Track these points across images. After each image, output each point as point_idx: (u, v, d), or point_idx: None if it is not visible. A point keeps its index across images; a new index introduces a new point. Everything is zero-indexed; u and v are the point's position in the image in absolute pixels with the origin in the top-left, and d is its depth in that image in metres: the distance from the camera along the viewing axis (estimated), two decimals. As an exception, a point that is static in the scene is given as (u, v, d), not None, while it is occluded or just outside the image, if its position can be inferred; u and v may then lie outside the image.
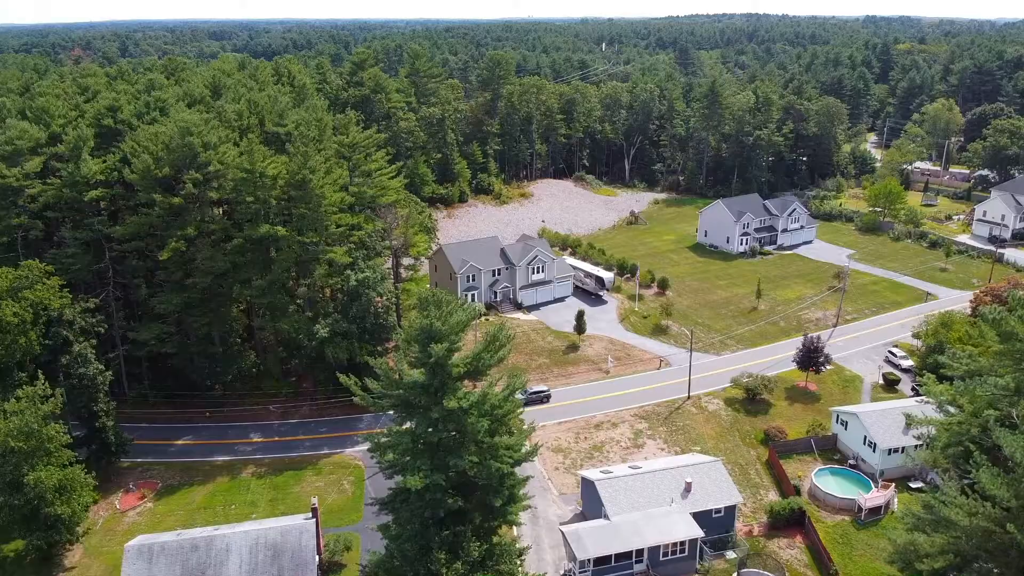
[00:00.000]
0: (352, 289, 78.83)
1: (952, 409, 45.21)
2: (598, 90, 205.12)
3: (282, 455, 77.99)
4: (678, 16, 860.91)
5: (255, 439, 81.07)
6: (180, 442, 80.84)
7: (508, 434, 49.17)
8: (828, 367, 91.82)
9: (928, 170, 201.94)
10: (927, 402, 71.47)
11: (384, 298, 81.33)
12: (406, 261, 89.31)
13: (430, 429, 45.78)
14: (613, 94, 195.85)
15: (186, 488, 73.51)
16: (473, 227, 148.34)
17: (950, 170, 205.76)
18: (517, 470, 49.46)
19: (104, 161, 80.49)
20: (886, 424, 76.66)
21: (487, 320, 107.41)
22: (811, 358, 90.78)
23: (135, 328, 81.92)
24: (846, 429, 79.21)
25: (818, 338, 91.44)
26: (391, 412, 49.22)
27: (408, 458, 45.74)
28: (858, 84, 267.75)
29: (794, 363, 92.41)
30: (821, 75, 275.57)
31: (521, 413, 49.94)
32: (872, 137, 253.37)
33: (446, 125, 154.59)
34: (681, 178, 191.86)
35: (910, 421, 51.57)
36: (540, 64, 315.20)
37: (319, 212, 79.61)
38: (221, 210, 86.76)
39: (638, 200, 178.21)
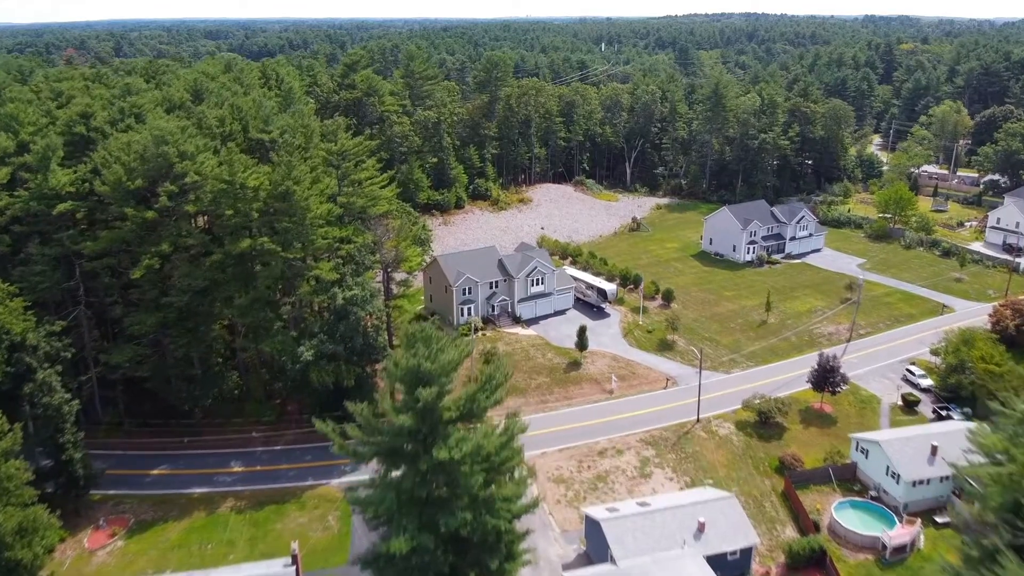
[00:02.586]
0: (339, 308, 73.75)
1: (1003, 458, 40.27)
2: (598, 92, 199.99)
3: (263, 487, 72.82)
4: (676, 16, 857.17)
5: (235, 468, 75.89)
6: (156, 472, 75.66)
7: (506, 482, 44.06)
8: (844, 387, 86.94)
9: (936, 173, 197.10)
10: (952, 421, 66.72)
11: (374, 317, 76.20)
12: (398, 276, 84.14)
13: (418, 481, 40.70)
14: (614, 96, 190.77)
15: (160, 524, 68.37)
16: (470, 235, 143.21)
17: (958, 174, 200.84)
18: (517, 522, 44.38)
19: (75, 171, 75.29)
20: (910, 453, 71.80)
21: (484, 335, 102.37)
22: (826, 378, 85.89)
23: (108, 349, 76.71)
24: (867, 458, 74.28)
25: (834, 357, 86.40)
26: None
27: (392, 515, 40.65)
28: (862, 85, 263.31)
29: (808, 383, 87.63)
30: (824, 76, 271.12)
31: (521, 459, 44.75)
32: (876, 139, 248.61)
33: (442, 129, 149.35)
34: (684, 182, 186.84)
35: (957, 473, 46.54)
36: (539, 64, 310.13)
37: (304, 226, 74.52)
38: (202, 220, 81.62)
39: (640, 205, 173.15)
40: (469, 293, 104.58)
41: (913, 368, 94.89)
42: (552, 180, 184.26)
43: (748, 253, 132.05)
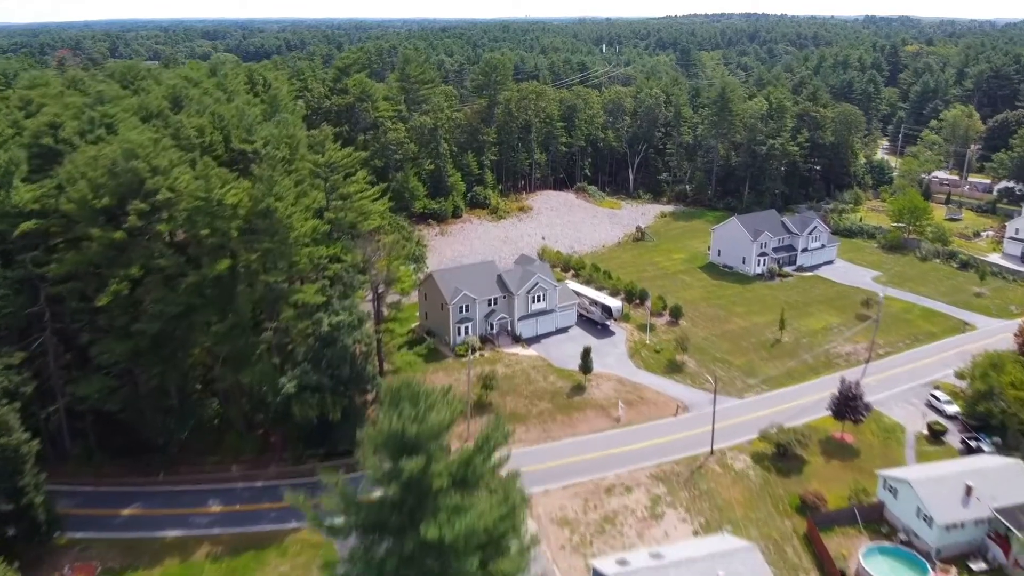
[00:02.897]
0: (325, 335, 68.12)
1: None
2: (600, 95, 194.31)
3: (242, 529, 67.09)
4: (676, 16, 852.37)
5: (213, 508, 70.11)
6: (127, 512, 69.87)
7: (504, 554, 38.39)
8: (867, 415, 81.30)
9: (947, 179, 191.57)
10: (983, 454, 61.16)
11: (363, 343, 70.52)
12: (390, 298, 78.53)
13: (404, 560, 35.05)
14: (616, 99, 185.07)
15: (130, 573, 62.69)
16: (467, 245, 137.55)
17: (969, 180, 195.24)
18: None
19: (40, 187, 69.54)
20: (943, 494, 66.18)
21: (482, 356, 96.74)
22: (848, 407, 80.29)
23: (77, 379, 70.97)
24: (895, 497, 68.66)
25: (856, 384, 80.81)
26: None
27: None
28: (868, 88, 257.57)
29: (828, 411, 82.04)
30: (830, 78, 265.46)
31: (523, 528, 39.08)
32: (884, 143, 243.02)
33: (439, 135, 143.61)
34: (688, 187, 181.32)
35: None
36: (538, 66, 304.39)
37: (287, 245, 68.86)
38: (177, 237, 75.74)
39: (643, 213, 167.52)
40: (466, 311, 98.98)
41: (938, 394, 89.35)
42: (553, 187, 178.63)
43: (758, 265, 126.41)
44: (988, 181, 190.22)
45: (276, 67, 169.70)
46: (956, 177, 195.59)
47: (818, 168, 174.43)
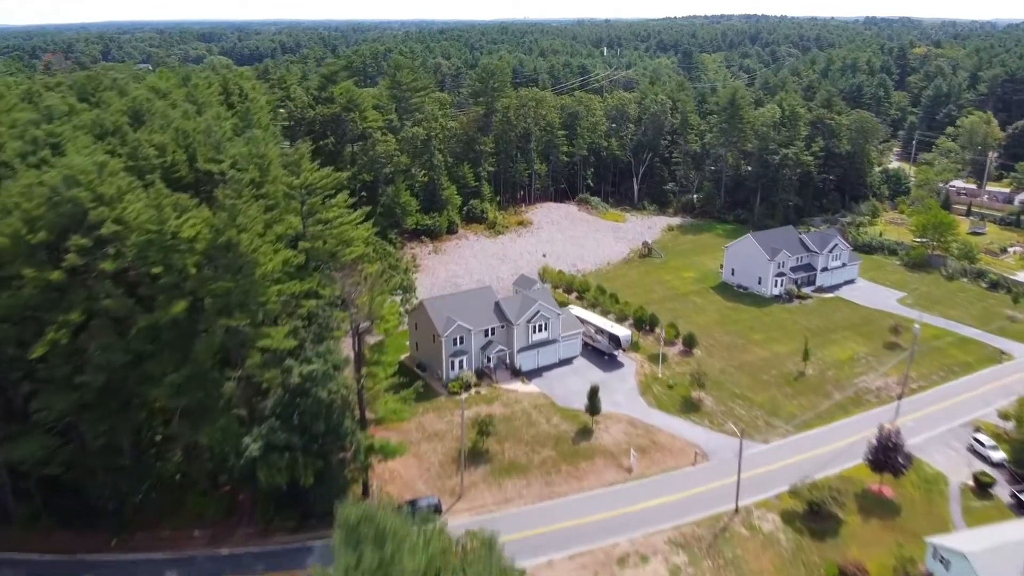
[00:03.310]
0: (295, 387, 59.33)
1: None
2: (603, 101, 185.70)
3: (202, 612, 58.51)
4: (675, 17, 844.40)
5: (170, 584, 61.48)
6: (71, 589, 61.23)
7: None
8: (908, 467, 72.62)
9: (964, 188, 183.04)
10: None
11: (340, 394, 61.73)
12: (374, 338, 69.62)
13: None
14: (620, 105, 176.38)
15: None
16: (463, 264, 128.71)
17: (987, 189, 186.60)
18: None
19: (-28, 218, 60.71)
20: (1003, 569, 57.54)
21: (478, 393, 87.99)
22: (888, 458, 71.70)
23: (15, 436, 62.05)
24: (947, 570, 59.98)
25: (896, 433, 72.20)
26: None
27: None
28: (878, 92, 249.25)
29: (865, 461, 73.41)
30: (839, 82, 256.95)
31: None
32: (896, 149, 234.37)
33: (432, 145, 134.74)
34: (696, 197, 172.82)
35: None
36: (538, 69, 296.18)
37: (252, 283, 60.09)
38: (127, 275, 66.97)
39: (650, 226, 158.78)
40: (461, 343, 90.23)
41: (981, 437, 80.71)
42: (554, 198, 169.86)
43: (776, 286, 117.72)
44: (1007, 190, 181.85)
45: (258, 75, 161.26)
46: (973, 186, 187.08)
47: (832, 178, 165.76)
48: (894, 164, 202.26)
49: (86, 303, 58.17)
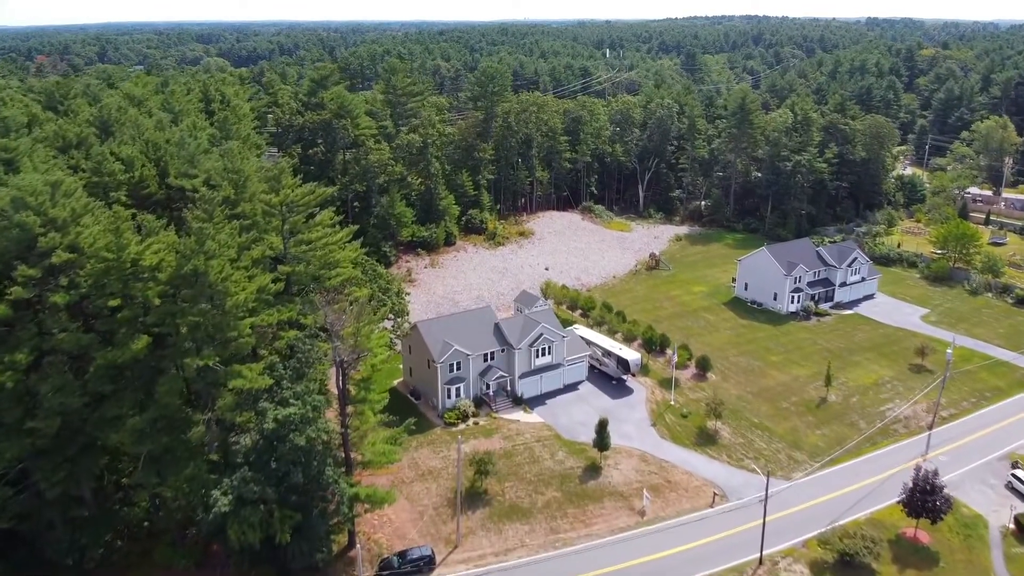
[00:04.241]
0: (271, 433, 52.96)
1: None
2: (607, 105, 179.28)
3: None
4: (676, 18, 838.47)
5: (132, 651, 55.20)
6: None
7: None
8: (948, 511, 66.24)
9: (980, 195, 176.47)
10: None
11: (321, 439, 55.34)
12: (359, 372, 63.18)
13: None
14: (624, 110, 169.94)
15: None
16: (461, 279, 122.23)
17: (1003, 196, 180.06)
18: None
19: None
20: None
21: (476, 425, 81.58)
22: (925, 501, 65.30)
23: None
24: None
25: (934, 474, 65.76)
26: None
27: None
28: (887, 95, 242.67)
29: (899, 504, 67.05)
30: (848, 85, 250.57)
31: None
32: (908, 154, 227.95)
33: (429, 153, 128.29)
34: (704, 203, 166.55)
35: None
36: (538, 71, 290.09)
37: (222, 316, 53.75)
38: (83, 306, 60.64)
39: (656, 236, 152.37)
40: (458, 369, 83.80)
41: (1020, 473, 74.33)
42: (556, 206, 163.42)
43: (792, 303, 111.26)
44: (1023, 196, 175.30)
45: (253, 76, 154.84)
46: (989, 193, 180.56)
47: (845, 186, 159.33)
48: (910, 171, 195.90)
49: (36, 340, 51.90)
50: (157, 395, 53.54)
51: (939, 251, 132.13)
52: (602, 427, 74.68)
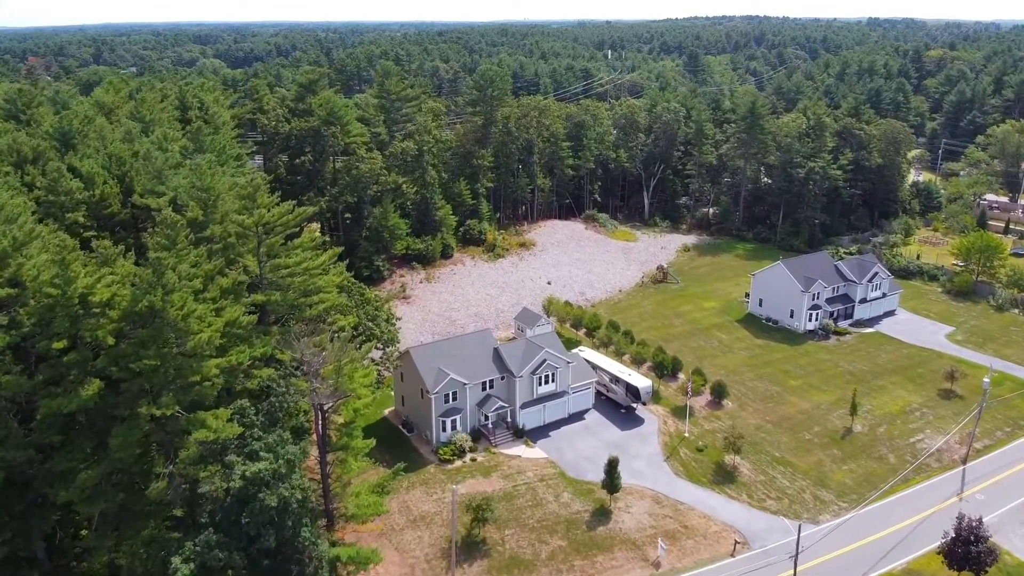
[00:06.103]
0: (238, 491, 46.53)
1: None
2: (610, 109, 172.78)
3: None
4: (676, 18, 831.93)
5: None
6: None
7: None
8: (993, 562, 59.88)
9: (996, 202, 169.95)
10: None
11: (296, 496, 48.84)
12: (340, 417, 56.66)
13: None
14: (629, 114, 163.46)
15: None
16: (458, 295, 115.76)
17: (1020, 202, 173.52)
18: None
19: None
20: None
21: (473, 461, 75.12)
22: (968, 552, 58.93)
23: None
24: None
25: (979, 523, 59.39)
26: None
27: None
28: (897, 97, 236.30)
29: (939, 554, 60.70)
30: (856, 87, 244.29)
31: None
32: (920, 157, 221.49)
33: (425, 161, 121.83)
34: (712, 211, 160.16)
35: None
36: (539, 73, 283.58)
37: (182, 359, 47.30)
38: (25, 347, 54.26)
39: (663, 246, 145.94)
40: (453, 399, 77.34)
41: (1069, 515, 67.99)
42: (558, 215, 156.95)
43: (810, 320, 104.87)
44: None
45: (247, 78, 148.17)
46: (1006, 199, 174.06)
47: (859, 193, 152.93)
48: (920, 176, 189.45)
49: (-31, 387, 45.45)
50: (111, 447, 47.09)
51: (961, 263, 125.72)
52: (612, 467, 68.05)
